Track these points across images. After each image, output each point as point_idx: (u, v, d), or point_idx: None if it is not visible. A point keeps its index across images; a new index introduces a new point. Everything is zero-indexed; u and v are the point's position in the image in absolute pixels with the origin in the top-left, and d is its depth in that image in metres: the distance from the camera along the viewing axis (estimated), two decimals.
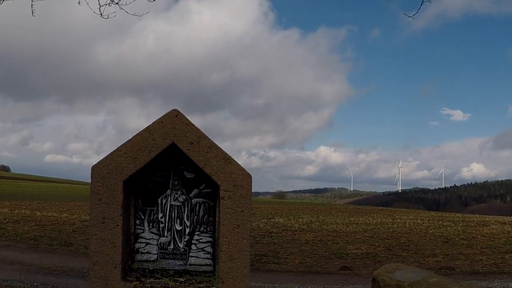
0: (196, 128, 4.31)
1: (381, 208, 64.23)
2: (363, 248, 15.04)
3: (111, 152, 4.36)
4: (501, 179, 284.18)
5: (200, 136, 4.31)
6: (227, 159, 4.28)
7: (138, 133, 4.39)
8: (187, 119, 4.33)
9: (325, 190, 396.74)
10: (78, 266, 10.45)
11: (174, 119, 4.33)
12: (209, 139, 4.31)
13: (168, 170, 4.71)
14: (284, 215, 31.75)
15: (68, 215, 23.48)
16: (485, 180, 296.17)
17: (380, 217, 33.13)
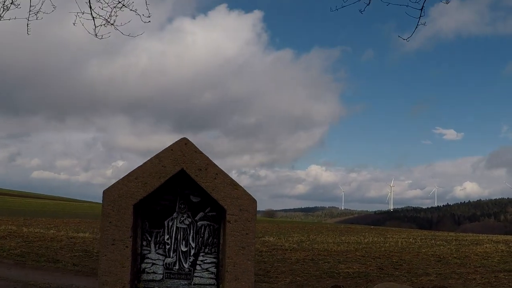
0: (204, 155, 4.69)
1: (372, 227, 64.67)
2: (354, 267, 15.35)
3: (123, 178, 4.72)
4: (495, 198, 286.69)
5: (208, 163, 4.69)
6: (234, 185, 4.67)
7: (148, 160, 4.76)
8: (196, 147, 4.71)
9: (315, 209, 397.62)
10: (66, 283, 10.67)
11: (183, 146, 4.71)
12: (217, 166, 4.69)
13: (175, 194, 5.08)
14: (274, 234, 32.04)
15: (55, 231, 23.62)
16: (479, 199, 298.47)
17: (371, 236, 33.51)
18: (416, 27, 8.71)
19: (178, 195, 5.07)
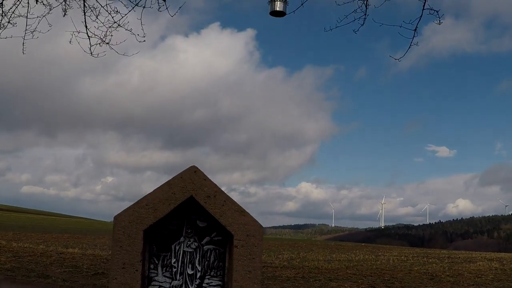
0: (213, 183, 5.02)
1: (363, 244, 64.93)
2: (346, 285, 15.58)
3: (133, 204, 5.04)
4: (488, 215, 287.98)
5: (216, 191, 5.02)
6: (241, 212, 4.99)
7: (158, 187, 5.08)
8: (204, 175, 5.04)
9: (305, 226, 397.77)
10: None
11: (192, 174, 5.03)
12: (225, 194, 5.02)
13: (182, 219, 5.39)
14: (264, 251, 32.24)
15: (44, 247, 23.73)
16: (472, 216, 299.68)
17: (362, 253, 33.81)
18: (409, 48, 9.02)
19: (185, 220, 5.38)
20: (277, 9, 6.26)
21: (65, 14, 10.34)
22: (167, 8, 9.60)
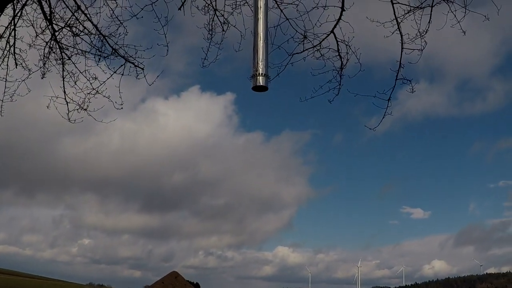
0: (193, 287, 5.25)
1: None
2: None
3: None
4: (463, 275, 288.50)
5: None
6: None
7: None
8: (185, 280, 5.40)
9: None
10: None
11: (173, 280, 5.37)
12: None
13: None
14: None
15: None
16: (447, 277, 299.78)
17: None
18: (383, 117, 9.48)
19: None
20: (260, 83, 6.71)
21: (43, 76, 10.65)
22: (145, 76, 10.02)
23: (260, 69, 6.72)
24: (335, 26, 9.12)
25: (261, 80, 6.67)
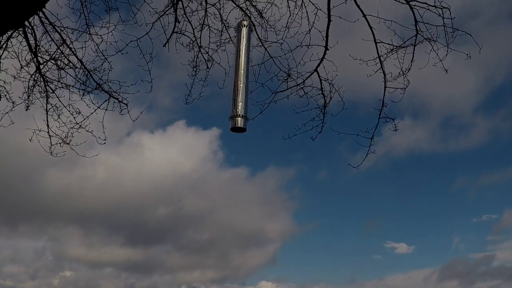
0: None
1: None
2: None
3: None
4: None
5: None
6: None
7: None
8: None
9: None
10: None
11: None
12: None
13: None
14: None
15: None
16: None
17: None
18: (367, 155, 9.57)
19: None
20: (238, 125, 6.83)
21: (27, 109, 10.73)
22: (128, 112, 10.12)
23: (239, 110, 6.85)
24: (318, 65, 9.26)
25: (239, 122, 6.80)
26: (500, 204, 50.36)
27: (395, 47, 9.28)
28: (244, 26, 7.58)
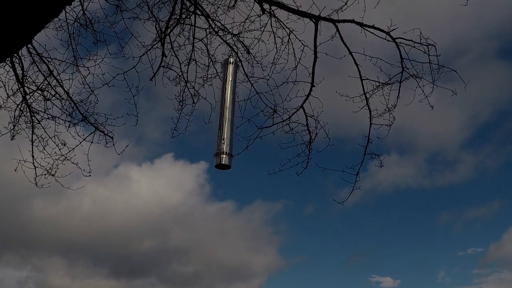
0: None
1: None
2: None
3: None
4: None
5: None
6: None
7: None
8: None
9: None
10: None
11: None
12: None
13: None
14: None
15: None
16: None
17: None
18: (352, 191, 9.57)
19: None
20: (223, 162, 6.95)
21: (12, 138, 10.77)
22: (114, 145, 10.17)
23: (224, 148, 6.97)
24: (304, 101, 9.38)
25: (223, 159, 6.91)
26: (485, 237, 50.71)
27: (381, 84, 9.42)
28: (231, 62, 7.73)
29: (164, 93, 10.14)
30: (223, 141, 7.00)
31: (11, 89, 10.63)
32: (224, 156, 6.97)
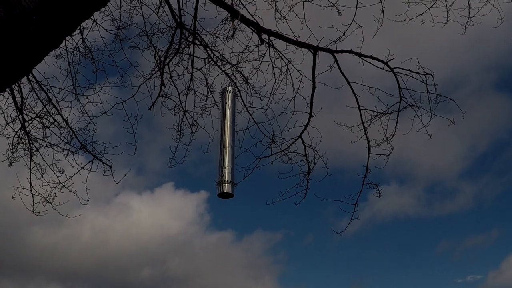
0: None
1: None
2: None
3: None
4: None
5: None
6: None
7: None
8: None
9: None
10: None
11: None
12: None
13: None
14: None
15: None
16: None
17: None
18: (350, 221, 9.53)
19: None
20: (225, 191, 7.02)
21: (10, 165, 10.82)
22: (112, 174, 10.23)
23: (226, 176, 7.04)
24: (303, 131, 9.48)
25: (226, 188, 6.98)
26: (485, 265, 50.86)
27: (379, 114, 9.48)
28: (229, 92, 7.86)
29: (163, 124, 10.22)
30: (224, 169, 7.07)
31: (10, 116, 10.64)
32: (226, 184, 7.03)
